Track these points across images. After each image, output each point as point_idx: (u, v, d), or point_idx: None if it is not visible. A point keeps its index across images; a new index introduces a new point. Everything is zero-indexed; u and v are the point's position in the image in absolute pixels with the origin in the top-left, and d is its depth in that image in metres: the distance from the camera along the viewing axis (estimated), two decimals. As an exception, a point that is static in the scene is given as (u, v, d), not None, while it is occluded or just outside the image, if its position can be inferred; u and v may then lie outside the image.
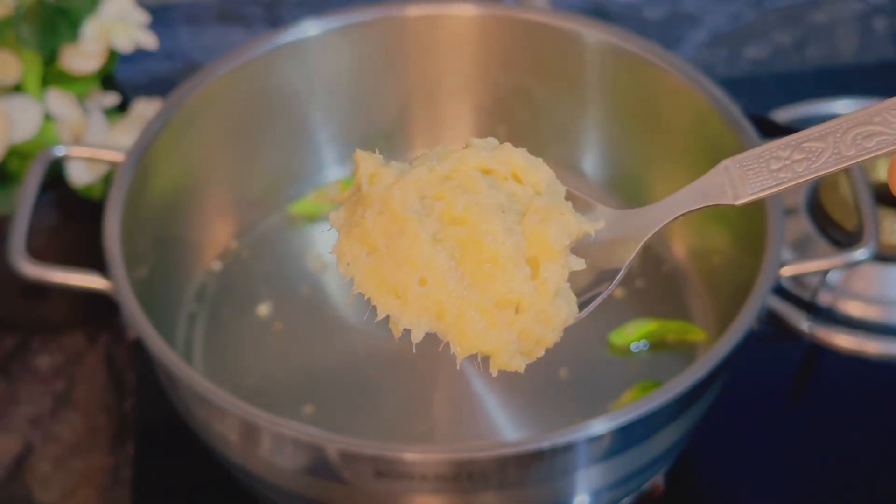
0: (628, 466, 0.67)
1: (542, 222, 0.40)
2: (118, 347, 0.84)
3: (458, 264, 0.40)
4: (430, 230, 0.40)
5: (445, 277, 0.40)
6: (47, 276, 0.68)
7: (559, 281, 0.40)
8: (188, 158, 0.80)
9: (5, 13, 0.79)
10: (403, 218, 0.40)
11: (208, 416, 0.65)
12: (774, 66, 1.07)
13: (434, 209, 0.40)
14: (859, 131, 0.39)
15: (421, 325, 0.40)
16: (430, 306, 0.40)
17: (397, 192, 0.40)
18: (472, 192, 0.40)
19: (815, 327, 0.82)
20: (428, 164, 0.41)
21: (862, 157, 0.39)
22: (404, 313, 0.40)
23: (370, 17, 0.84)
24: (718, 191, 0.41)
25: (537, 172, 0.42)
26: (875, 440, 0.78)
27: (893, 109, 0.39)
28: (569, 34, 0.83)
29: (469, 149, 0.42)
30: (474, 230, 0.40)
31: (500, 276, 0.40)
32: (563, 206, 0.41)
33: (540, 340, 0.40)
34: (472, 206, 0.40)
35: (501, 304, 0.40)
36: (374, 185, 0.41)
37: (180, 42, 1.00)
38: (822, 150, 0.40)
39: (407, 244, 0.40)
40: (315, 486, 0.65)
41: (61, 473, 0.78)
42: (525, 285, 0.40)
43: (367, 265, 0.41)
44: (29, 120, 0.77)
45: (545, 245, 0.40)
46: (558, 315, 0.40)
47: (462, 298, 0.40)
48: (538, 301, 0.40)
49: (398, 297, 0.40)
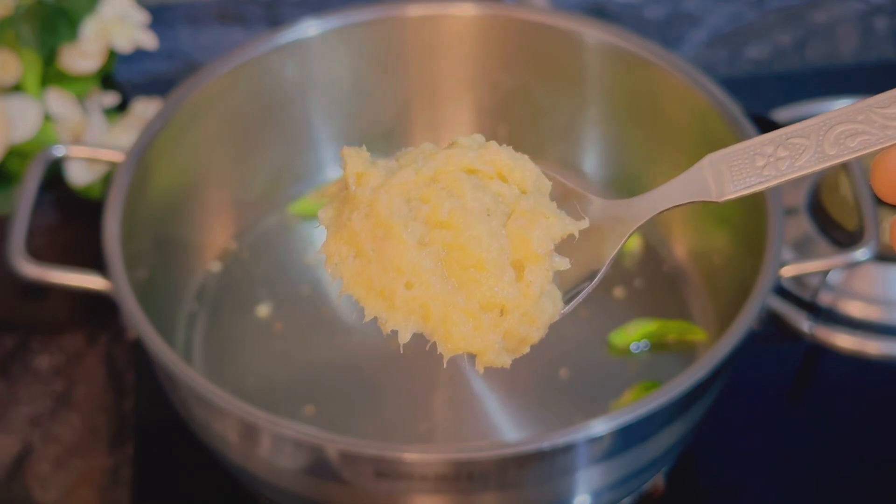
0: (628, 466, 0.67)
1: (526, 226, 0.41)
2: (118, 348, 0.84)
3: (444, 268, 0.40)
4: (416, 235, 0.40)
5: (431, 281, 0.40)
6: (47, 276, 0.68)
7: (543, 283, 0.41)
8: (188, 158, 0.80)
9: (5, 13, 0.79)
10: (389, 223, 0.40)
11: (208, 417, 0.65)
12: (774, 66, 1.07)
13: (420, 213, 0.40)
14: (843, 129, 0.39)
15: (408, 327, 0.41)
16: (417, 309, 0.40)
17: (384, 197, 0.40)
18: (458, 195, 0.41)
19: (816, 327, 0.82)
20: (414, 167, 0.41)
21: (844, 156, 0.39)
22: (391, 315, 0.41)
23: (370, 17, 0.84)
24: (703, 188, 0.41)
25: (522, 170, 0.42)
26: (875, 440, 0.78)
27: (878, 108, 0.38)
28: (569, 34, 0.83)
29: (454, 149, 0.42)
30: (459, 235, 0.40)
31: (484, 280, 0.40)
32: (548, 208, 0.41)
33: (525, 339, 0.41)
34: (457, 211, 0.40)
35: (486, 306, 0.40)
36: (361, 186, 0.41)
37: (180, 42, 1.00)
38: (805, 147, 0.39)
39: (393, 249, 0.40)
40: (315, 486, 0.65)
41: (61, 473, 0.78)
42: (509, 288, 0.40)
43: (355, 267, 0.41)
44: (28, 120, 0.77)
45: (529, 249, 0.41)
46: (543, 315, 0.41)
47: (447, 301, 0.40)
48: (523, 303, 0.40)
49: (385, 299, 0.41)
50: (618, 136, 0.86)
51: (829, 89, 0.99)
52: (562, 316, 0.42)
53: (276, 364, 0.78)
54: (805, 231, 0.86)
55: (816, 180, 0.88)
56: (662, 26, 1.03)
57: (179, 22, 0.99)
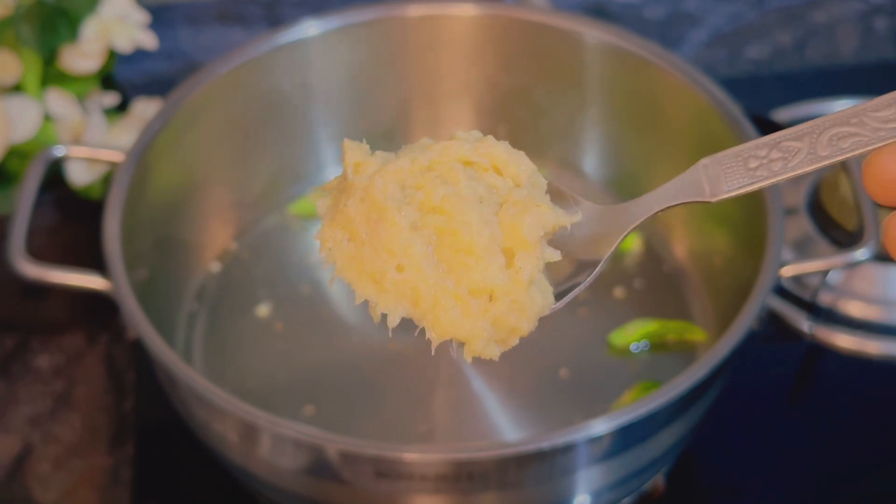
0: (628, 466, 0.67)
1: (517, 214, 0.41)
2: (118, 348, 0.84)
3: (435, 252, 0.41)
4: (409, 219, 0.41)
5: (422, 264, 0.41)
6: (47, 276, 0.68)
7: (533, 271, 0.41)
8: (188, 158, 0.80)
9: (5, 13, 0.79)
10: (383, 206, 0.41)
11: (208, 417, 0.65)
12: (774, 66, 1.07)
13: (414, 198, 0.41)
14: (836, 132, 0.40)
15: (397, 311, 0.41)
16: (407, 292, 0.41)
17: (379, 181, 0.41)
18: (452, 182, 0.41)
19: (816, 327, 0.82)
20: (411, 156, 0.42)
21: (836, 157, 0.39)
22: (381, 299, 0.41)
23: (370, 17, 0.84)
24: (696, 188, 0.42)
25: (518, 165, 0.43)
26: (875, 440, 0.78)
27: (871, 112, 0.39)
28: (569, 34, 0.83)
29: (452, 141, 0.42)
30: (451, 219, 0.41)
31: (475, 265, 0.41)
32: (541, 199, 0.42)
33: (514, 329, 0.41)
34: (450, 197, 0.41)
35: (476, 292, 0.41)
36: (358, 174, 0.42)
37: (180, 42, 1.00)
38: (798, 149, 0.40)
39: (386, 231, 0.41)
40: (315, 486, 0.65)
41: (61, 473, 0.78)
42: (499, 274, 0.41)
43: (348, 251, 0.42)
44: (28, 120, 0.77)
45: (520, 235, 0.41)
46: (532, 305, 0.41)
47: (438, 285, 0.41)
48: (512, 290, 0.41)
49: (376, 282, 0.41)
50: (618, 136, 0.86)
51: (829, 89, 0.99)
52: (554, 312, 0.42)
53: (276, 364, 0.78)
54: (805, 231, 0.86)
55: (816, 180, 0.88)
56: (662, 26, 1.03)
57: (179, 22, 0.99)
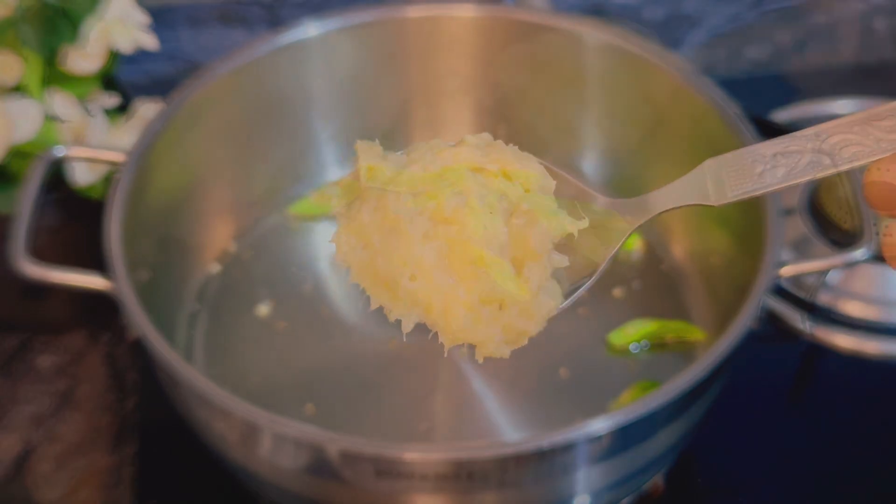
0: (628, 466, 0.67)
1: (526, 225, 0.42)
2: (119, 347, 0.84)
3: (447, 262, 0.41)
4: (421, 229, 0.41)
5: (433, 274, 0.41)
6: (48, 276, 0.68)
7: (541, 280, 0.42)
8: (189, 159, 0.81)
9: (6, 13, 0.79)
10: (396, 217, 0.41)
11: (209, 416, 0.65)
12: (774, 67, 1.07)
13: (426, 208, 0.42)
14: (838, 140, 0.40)
15: (411, 317, 0.42)
16: (419, 300, 0.42)
17: (392, 193, 0.41)
18: (463, 192, 0.42)
19: (815, 327, 0.82)
20: (422, 163, 0.43)
21: (837, 167, 0.39)
22: (395, 306, 0.42)
23: (370, 18, 0.84)
24: (701, 191, 0.42)
25: (527, 169, 0.43)
26: (875, 440, 0.78)
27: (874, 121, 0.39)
28: (569, 34, 0.83)
29: (462, 147, 0.43)
30: (462, 230, 0.41)
31: (485, 275, 0.41)
32: (549, 208, 0.42)
33: (523, 332, 0.42)
34: (461, 208, 0.41)
35: (486, 300, 0.42)
36: (372, 180, 0.42)
37: (181, 43, 1.00)
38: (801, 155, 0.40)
39: (398, 242, 0.41)
40: (315, 486, 0.65)
41: (63, 473, 0.78)
42: (509, 284, 0.42)
43: (363, 258, 0.43)
44: (30, 120, 0.78)
45: (528, 247, 0.42)
46: (541, 309, 0.42)
47: (449, 294, 0.42)
48: (521, 298, 0.42)
49: (389, 290, 0.42)
50: (618, 136, 0.86)
51: (829, 89, 0.99)
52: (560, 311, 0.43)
53: (277, 363, 0.79)
54: (803, 231, 0.86)
55: (815, 181, 0.88)
56: (662, 27, 1.03)
57: (181, 23, 0.99)
